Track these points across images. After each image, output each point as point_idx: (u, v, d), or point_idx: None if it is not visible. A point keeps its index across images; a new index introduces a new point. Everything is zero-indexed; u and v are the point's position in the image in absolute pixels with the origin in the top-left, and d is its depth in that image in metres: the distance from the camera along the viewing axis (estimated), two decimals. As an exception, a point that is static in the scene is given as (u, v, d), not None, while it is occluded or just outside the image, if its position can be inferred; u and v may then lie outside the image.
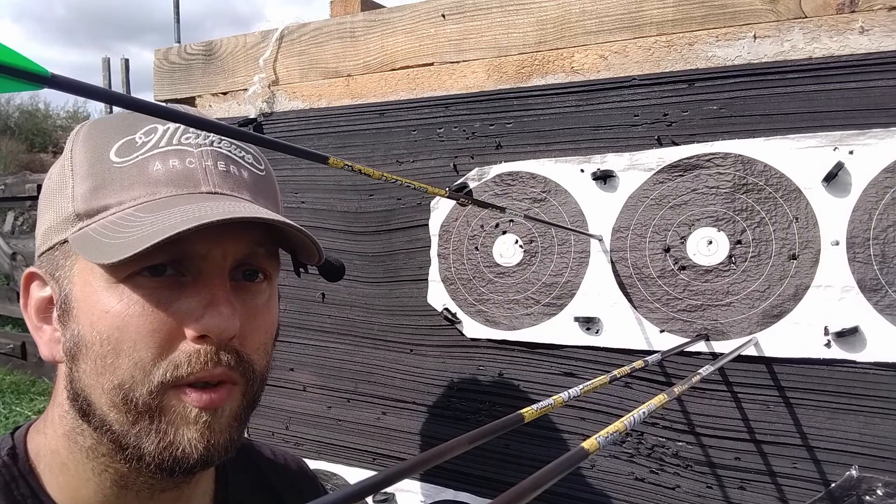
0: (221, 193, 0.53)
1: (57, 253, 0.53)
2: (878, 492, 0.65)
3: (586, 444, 0.33)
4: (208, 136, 0.55)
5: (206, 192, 0.53)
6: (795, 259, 0.69)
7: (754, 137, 0.71)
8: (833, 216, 0.68)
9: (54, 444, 0.55)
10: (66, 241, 0.52)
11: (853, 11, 0.67)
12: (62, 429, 0.54)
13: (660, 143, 0.76)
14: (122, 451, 0.52)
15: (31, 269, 0.56)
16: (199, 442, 0.51)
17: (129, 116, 0.55)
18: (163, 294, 0.50)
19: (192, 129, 0.55)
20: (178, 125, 0.54)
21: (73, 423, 0.54)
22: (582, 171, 0.80)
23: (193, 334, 0.50)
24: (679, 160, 0.75)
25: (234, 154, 0.57)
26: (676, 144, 0.75)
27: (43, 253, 0.55)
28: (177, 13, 9.22)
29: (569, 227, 0.80)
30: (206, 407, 0.51)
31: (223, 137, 0.57)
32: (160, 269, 0.50)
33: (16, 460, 0.55)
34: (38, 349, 0.55)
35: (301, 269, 0.62)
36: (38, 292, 0.55)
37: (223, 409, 0.52)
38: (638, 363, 0.57)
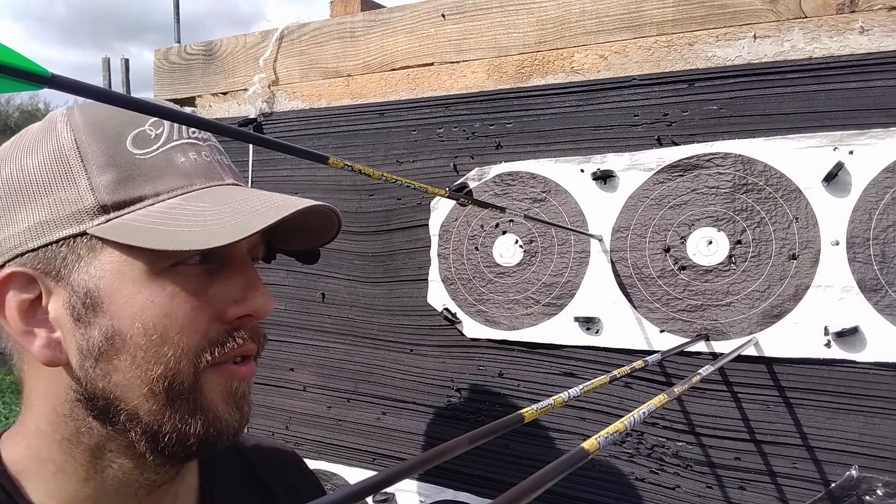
0: (237, 184, 0.57)
1: (62, 249, 0.51)
2: (878, 492, 0.65)
3: (586, 444, 0.33)
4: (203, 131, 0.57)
5: (230, 184, 0.56)
6: (795, 259, 0.69)
7: (754, 137, 0.71)
8: (833, 216, 0.68)
9: (45, 452, 0.54)
10: (83, 234, 0.50)
11: (853, 11, 0.67)
12: (58, 435, 0.53)
13: (660, 143, 0.76)
14: (151, 441, 0.52)
15: (11, 269, 0.51)
16: (237, 414, 0.55)
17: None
18: (200, 281, 0.53)
19: None
20: None
21: (74, 426, 0.53)
22: (582, 171, 0.80)
23: (237, 314, 0.54)
24: (679, 160, 0.74)
25: (222, 146, 0.60)
26: (676, 144, 0.75)
27: (31, 251, 0.51)
28: (177, 13, 9.22)
29: (569, 227, 0.80)
30: (245, 378, 0.55)
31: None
32: (193, 259, 0.53)
33: None
34: (30, 354, 0.52)
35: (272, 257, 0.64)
36: (20, 294, 0.51)
37: (250, 380, 0.57)
38: (638, 363, 0.57)
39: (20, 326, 0.51)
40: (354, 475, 0.96)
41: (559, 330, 0.81)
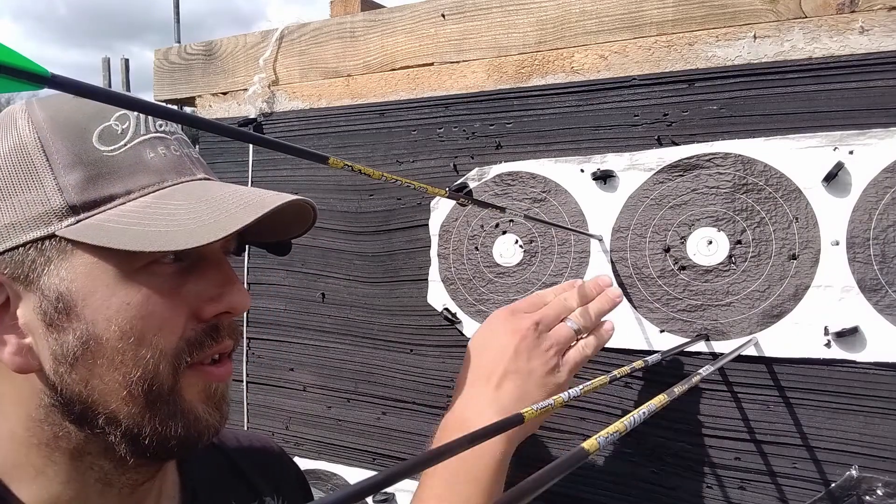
0: (208, 178, 0.56)
1: (30, 252, 0.49)
2: (878, 492, 0.65)
3: (586, 445, 0.33)
4: (172, 123, 0.56)
5: (202, 178, 0.55)
6: (795, 259, 0.69)
7: (754, 137, 0.71)
8: (833, 216, 0.68)
9: (23, 457, 0.52)
10: (52, 236, 0.49)
11: (853, 11, 0.67)
12: (35, 440, 0.52)
13: (660, 143, 0.76)
14: (131, 444, 0.51)
15: None
16: (217, 413, 0.54)
17: (87, 101, 0.51)
18: (174, 279, 0.52)
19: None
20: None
21: (51, 431, 0.52)
22: (582, 171, 0.80)
23: (214, 312, 0.53)
24: (679, 160, 0.74)
25: (188, 139, 0.59)
26: (676, 144, 0.75)
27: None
28: (177, 13, 9.22)
29: (569, 227, 0.80)
30: (223, 379, 0.55)
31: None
32: (167, 258, 0.51)
33: None
34: (2, 362, 0.50)
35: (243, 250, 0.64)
36: None
37: (228, 380, 0.56)
38: (638, 363, 0.57)
39: None
40: (354, 475, 0.96)
41: (559, 330, 0.80)
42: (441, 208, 0.89)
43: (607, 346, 0.77)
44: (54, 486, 0.53)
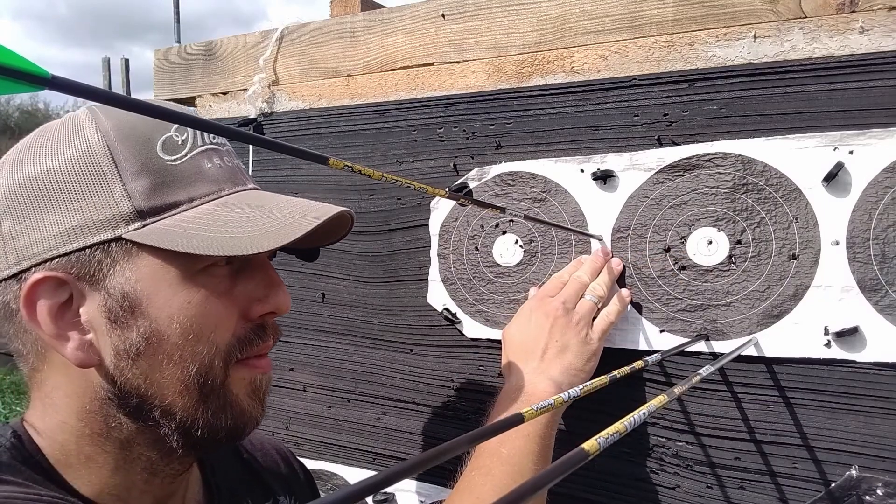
0: (256, 188, 0.60)
1: (97, 253, 0.52)
2: (878, 492, 0.65)
3: (586, 445, 0.33)
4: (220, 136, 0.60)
5: (252, 188, 0.59)
6: (795, 259, 0.69)
7: (754, 137, 0.71)
8: (833, 216, 0.68)
9: (73, 446, 0.55)
10: (119, 239, 0.52)
11: (853, 11, 0.67)
12: (88, 430, 0.55)
13: (660, 143, 0.76)
14: (184, 436, 0.55)
15: (42, 273, 0.51)
16: (259, 407, 0.59)
17: None
18: (227, 281, 0.56)
19: None
20: None
21: (104, 422, 0.55)
22: (582, 171, 0.80)
23: (261, 311, 0.57)
24: (679, 160, 0.74)
25: (234, 151, 0.62)
26: (676, 144, 0.75)
27: (62, 255, 0.52)
28: (177, 13, 9.21)
29: (569, 227, 0.80)
30: (266, 371, 0.59)
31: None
32: (221, 261, 0.55)
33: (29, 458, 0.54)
34: (62, 356, 0.52)
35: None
36: (51, 298, 0.52)
37: (270, 373, 0.60)
38: (638, 363, 0.57)
39: (52, 330, 0.52)
40: (354, 475, 0.96)
41: (559, 330, 0.80)
42: (441, 208, 0.89)
43: (607, 346, 0.77)
44: (104, 472, 0.55)
